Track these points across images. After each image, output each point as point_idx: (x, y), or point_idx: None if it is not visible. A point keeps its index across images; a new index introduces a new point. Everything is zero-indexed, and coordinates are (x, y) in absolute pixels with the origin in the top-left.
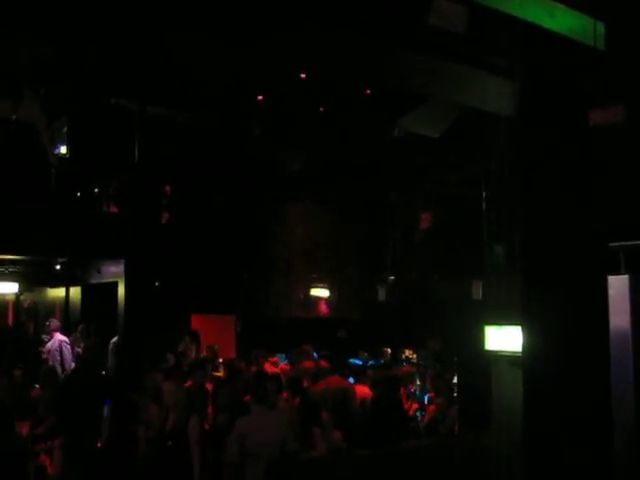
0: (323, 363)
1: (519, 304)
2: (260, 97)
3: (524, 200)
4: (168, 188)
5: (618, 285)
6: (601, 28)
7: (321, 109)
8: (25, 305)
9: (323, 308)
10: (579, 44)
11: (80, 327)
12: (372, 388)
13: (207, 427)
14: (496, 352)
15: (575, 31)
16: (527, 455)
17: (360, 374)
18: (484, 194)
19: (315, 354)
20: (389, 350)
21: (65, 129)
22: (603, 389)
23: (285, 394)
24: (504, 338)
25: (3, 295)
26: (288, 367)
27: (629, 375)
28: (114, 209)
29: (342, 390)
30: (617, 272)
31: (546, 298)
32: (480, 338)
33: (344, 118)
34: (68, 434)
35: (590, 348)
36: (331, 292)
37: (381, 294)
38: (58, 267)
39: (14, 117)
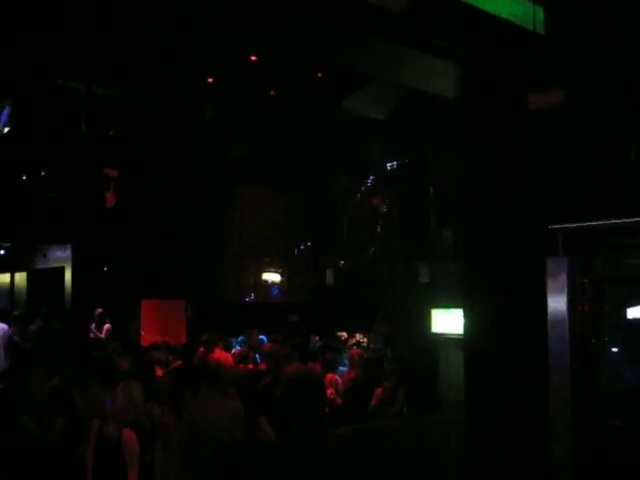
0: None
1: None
2: (210, 79)
3: (463, 182)
4: (115, 171)
5: (556, 267)
6: (540, 12)
7: (272, 92)
8: None
9: (274, 292)
10: (519, 28)
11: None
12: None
13: None
14: (441, 335)
15: (515, 15)
16: (469, 435)
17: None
18: (431, 178)
19: (263, 337)
20: (344, 334)
21: (8, 110)
22: (541, 369)
23: None
24: (450, 321)
25: None
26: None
27: (565, 355)
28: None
29: (313, 374)
30: (555, 254)
31: (485, 280)
32: (427, 321)
33: (294, 101)
34: None
35: (528, 329)
36: (282, 276)
37: (329, 278)
38: (2, 252)
39: None
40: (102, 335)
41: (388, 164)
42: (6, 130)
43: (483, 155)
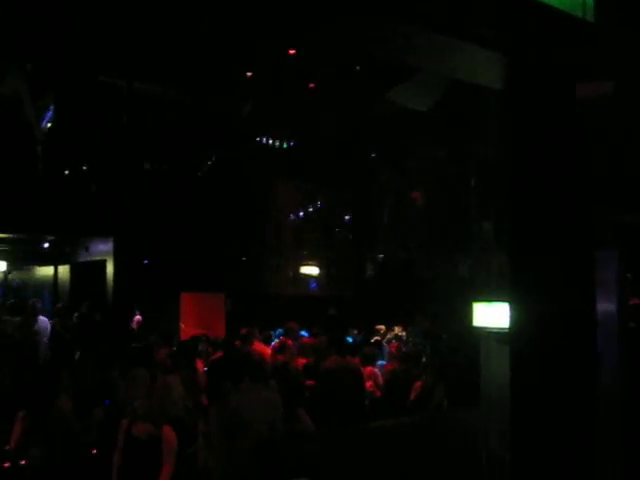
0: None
1: (507, 280)
2: (249, 74)
3: (511, 175)
4: (158, 166)
5: (606, 260)
6: (590, 0)
7: (311, 85)
8: (13, 284)
9: (313, 286)
10: (567, 15)
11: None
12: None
13: None
14: (483, 328)
15: (563, 2)
16: (514, 431)
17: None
18: (473, 171)
19: (303, 332)
20: (383, 327)
21: (52, 105)
22: (589, 366)
23: None
24: (492, 314)
25: None
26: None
27: (614, 351)
28: None
29: (351, 367)
30: (606, 246)
31: (533, 273)
32: (468, 315)
33: (333, 94)
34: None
35: (577, 324)
36: (320, 270)
37: (370, 271)
38: (46, 245)
39: None
40: (133, 326)
41: (429, 156)
42: (49, 126)
43: (530, 146)
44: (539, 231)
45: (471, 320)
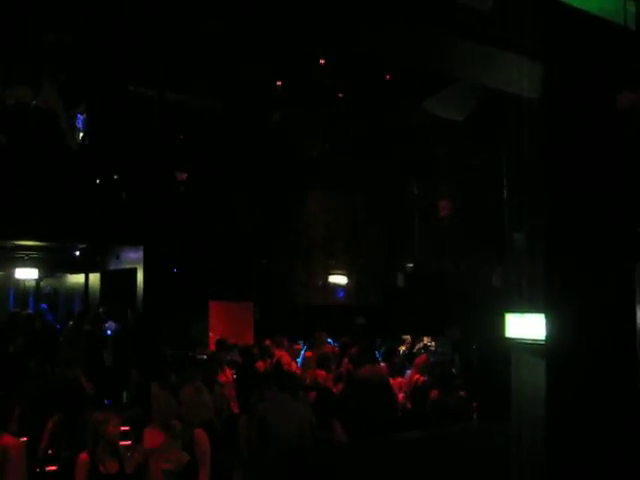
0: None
1: (541, 291)
2: (279, 83)
3: (548, 185)
4: (186, 174)
5: None
6: (632, 7)
7: (340, 95)
8: (45, 291)
9: (341, 295)
10: (608, 23)
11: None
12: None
13: None
14: (516, 340)
15: (604, 10)
16: (550, 446)
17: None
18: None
19: (331, 340)
20: (409, 338)
21: (84, 115)
22: (631, 379)
23: None
24: (525, 326)
25: (23, 281)
26: (310, 354)
27: None
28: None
29: (381, 377)
30: None
31: (571, 285)
32: (500, 326)
33: (364, 104)
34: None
35: (616, 336)
36: (349, 279)
37: (400, 281)
38: (77, 253)
39: (34, 103)
40: None
41: (460, 165)
42: (81, 136)
43: (567, 156)
44: (577, 242)
45: (503, 331)
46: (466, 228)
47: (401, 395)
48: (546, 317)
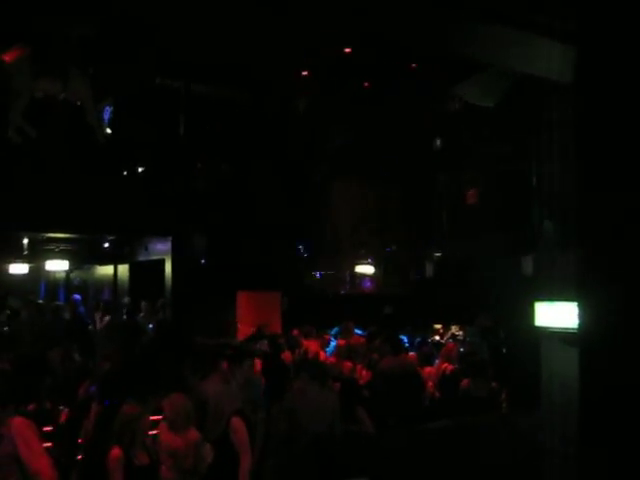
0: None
1: (573, 279)
2: (305, 72)
3: (581, 170)
4: (214, 166)
5: None
6: None
7: (366, 84)
8: (75, 283)
9: (368, 285)
10: None
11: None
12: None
13: None
14: (547, 328)
15: None
16: (583, 435)
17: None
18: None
19: (359, 330)
20: (440, 327)
21: (111, 108)
22: None
23: None
24: (556, 314)
25: (53, 273)
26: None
27: None
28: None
29: (407, 367)
30: None
31: (605, 273)
32: (530, 314)
33: (389, 93)
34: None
35: None
36: (377, 269)
37: (429, 270)
38: (106, 245)
39: (62, 96)
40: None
41: (489, 153)
42: (109, 129)
43: (601, 140)
44: (611, 229)
45: (533, 320)
46: (495, 216)
47: (430, 384)
48: (579, 305)
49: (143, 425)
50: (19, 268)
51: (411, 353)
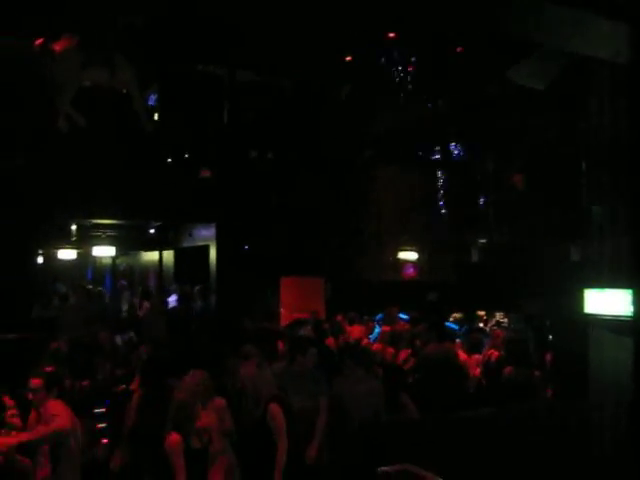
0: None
1: (623, 266)
2: (348, 58)
3: (634, 154)
4: (256, 152)
5: None
6: None
7: (410, 69)
8: (121, 268)
9: (411, 271)
10: None
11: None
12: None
13: None
14: (596, 316)
15: None
16: (636, 424)
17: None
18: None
19: (403, 316)
20: (483, 313)
21: (156, 96)
22: None
23: None
24: (606, 302)
25: (100, 258)
26: (387, 329)
27: None
28: (205, 173)
29: (450, 354)
30: None
31: None
32: (578, 302)
33: (434, 77)
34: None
35: None
36: (420, 254)
37: (474, 256)
38: (152, 231)
39: (109, 85)
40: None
41: (536, 137)
42: (155, 116)
43: None
44: None
45: (581, 307)
46: (543, 201)
47: (477, 371)
48: (633, 293)
49: (196, 411)
50: (67, 254)
51: (458, 340)
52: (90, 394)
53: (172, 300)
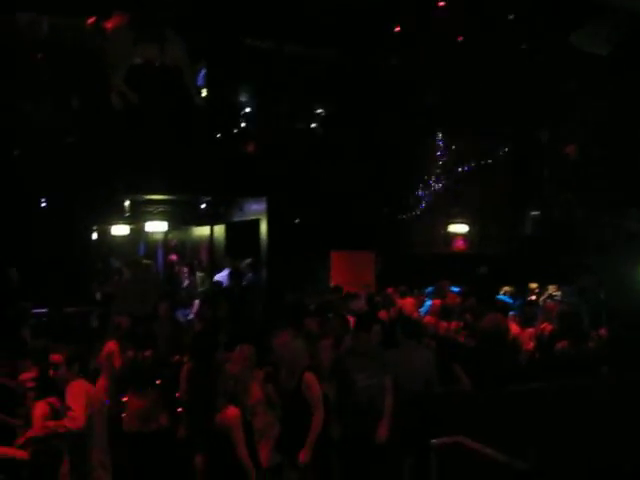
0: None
1: None
2: (397, 28)
3: None
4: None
5: None
6: None
7: (459, 38)
8: (172, 244)
9: (461, 244)
10: None
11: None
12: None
13: None
14: None
15: None
16: None
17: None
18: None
19: (455, 288)
20: (535, 286)
21: (205, 71)
22: None
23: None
24: None
25: (152, 234)
26: (437, 302)
27: None
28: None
29: (503, 327)
30: None
31: None
32: (635, 275)
33: (484, 46)
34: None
35: None
36: (471, 227)
37: (528, 228)
38: (203, 206)
39: (159, 61)
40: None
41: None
42: (205, 91)
43: None
44: None
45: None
46: (597, 173)
47: (531, 345)
48: None
49: (249, 384)
50: (121, 229)
51: (511, 313)
52: (153, 364)
53: (223, 275)
